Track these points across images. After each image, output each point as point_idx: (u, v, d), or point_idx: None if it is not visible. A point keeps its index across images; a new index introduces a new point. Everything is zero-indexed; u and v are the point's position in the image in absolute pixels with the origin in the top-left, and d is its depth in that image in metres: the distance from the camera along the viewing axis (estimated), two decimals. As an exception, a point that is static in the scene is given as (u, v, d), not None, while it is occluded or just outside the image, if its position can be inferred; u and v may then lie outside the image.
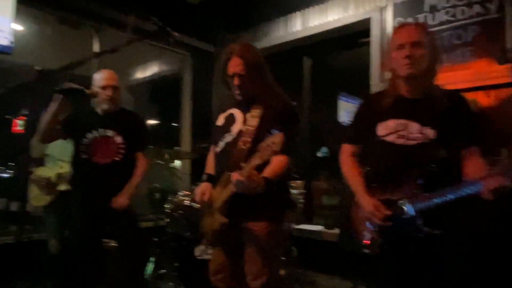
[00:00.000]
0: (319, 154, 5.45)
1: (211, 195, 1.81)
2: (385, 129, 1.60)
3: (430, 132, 1.52)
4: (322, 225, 4.14)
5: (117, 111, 2.48)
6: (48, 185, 2.90)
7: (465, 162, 1.50)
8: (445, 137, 1.51)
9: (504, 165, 1.31)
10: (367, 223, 1.63)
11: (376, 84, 3.47)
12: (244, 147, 1.71)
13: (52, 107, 2.15)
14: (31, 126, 2.05)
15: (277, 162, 1.67)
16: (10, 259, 1.36)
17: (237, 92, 1.81)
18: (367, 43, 3.64)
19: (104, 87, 2.37)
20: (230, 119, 1.87)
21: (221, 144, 1.85)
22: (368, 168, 1.71)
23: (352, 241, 2.89)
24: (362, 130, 1.72)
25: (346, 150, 1.80)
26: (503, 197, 1.29)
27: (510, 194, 1.29)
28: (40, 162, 3.04)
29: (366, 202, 1.62)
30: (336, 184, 4.36)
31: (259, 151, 1.49)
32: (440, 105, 1.52)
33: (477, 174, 1.38)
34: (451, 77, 2.69)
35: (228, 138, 1.82)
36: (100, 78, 2.41)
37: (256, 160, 1.49)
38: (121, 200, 2.33)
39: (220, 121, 1.92)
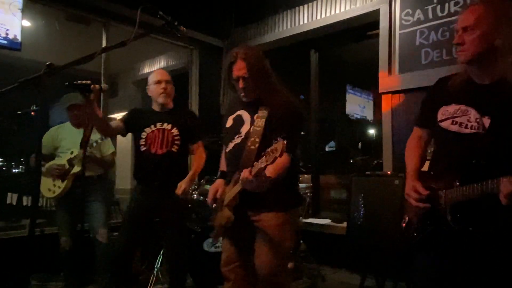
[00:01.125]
0: (327, 149, 5.44)
1: (223, 192, 1.89)
2: (444, 114, 1.51)
3: (487, 122, 1.38)
4: (329, 219, 4.14)
5: (172, 108, 2.66)
6: (62, 171, 2.95)
7: None
8: (502, 128, 1.35)
9: None
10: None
11: (384, 77, 3.44)
12: (253, 147, 1.78)
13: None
14: (40, 121, 2.06)
15: (279, 162, 1.70)
16: (24, 252, 1.40)
17: (242, 94, 1.89)
18: (376, 36, 3.61)
19: (157, 82, 2.57)
20: (239, 121, 1.94)
21: (231, 145, 1.92)
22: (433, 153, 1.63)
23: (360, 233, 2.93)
24: (428, 113, 1.62)
25: (414, 133, 1.74)
26: None
27: None
28: (50, 157, 3.08)
29: (407, 183, 1.58)
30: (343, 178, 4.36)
31: (265, 156, 1.56)
32: (506, 91, 1.36)
33: None
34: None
35: (237, 139, 1.89)
36: (153, 75, 2.63)
37: (262, 164, 1.56)
38: (184, 186, 2.48)
39: (229, 123, 1.99)
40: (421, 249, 1.56)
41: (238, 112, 1.96)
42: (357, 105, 5.40)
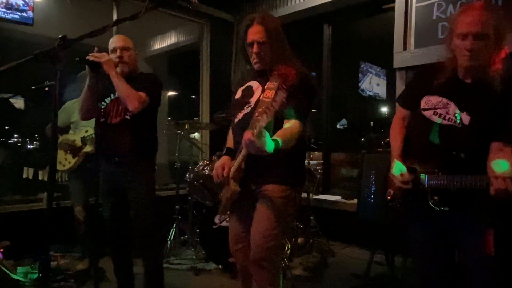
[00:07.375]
0: (338, 126, 5.40)
1: (229, 168, 1.77)
2: (427, 103, 1.65)
3: (465, 118, 1.52)
4: (340, 196, 4.17)
5: (135, 75, 2.41)
6: (74, 148, 3.01)
7: (490, 155, 1.46)
8: (480, 126, 1.49)
9: None
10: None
11: (399, 52, 3.37)
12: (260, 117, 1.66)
13: (87, 82, 2.19)
14: (56, 95, 2.06)
15: (289, 127, 1.66)
16: (43, 224, 1.45)
17: (255, 60, 1.79)
18: (391, 9, 3.51)
19: (113, 50, 2.34)
20: (248, 91, 1.86)
21: (239, 116, 1.84)
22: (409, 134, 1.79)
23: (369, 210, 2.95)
24: (412, 98, 1.74)
25: (398, 113, 1.86)
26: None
27: None
28: (64, 130, 3.15)
29: (394, 166, 1.72)
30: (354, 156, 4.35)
31: (261, 108, 1.45)
32: (487, 92, 1.48)
33: (492, 172, 1.40)
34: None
35: (246, 109, 1.81)
36: (110, 43, 2.38)
37: (262, 120, 1.43)
38: (105, 59, 2.15)
39: (238, 94, 1.91)
40: (406, 217, 1.78)
41: (249, 83, 1.87)
42: (370, 81, 5.30)
